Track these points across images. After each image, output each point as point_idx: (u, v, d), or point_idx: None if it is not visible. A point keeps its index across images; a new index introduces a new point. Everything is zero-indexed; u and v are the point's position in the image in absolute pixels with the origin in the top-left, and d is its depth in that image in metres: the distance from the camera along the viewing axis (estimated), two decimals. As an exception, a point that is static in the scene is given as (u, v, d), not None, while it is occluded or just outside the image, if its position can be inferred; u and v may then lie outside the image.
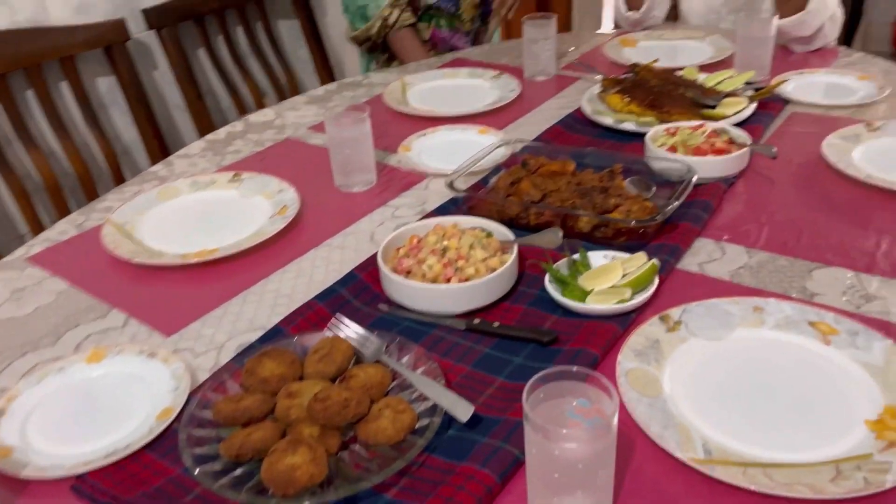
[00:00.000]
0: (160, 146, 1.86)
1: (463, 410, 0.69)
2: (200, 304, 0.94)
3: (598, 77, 1.51)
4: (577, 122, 1.38)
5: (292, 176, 1.23)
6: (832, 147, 1.16)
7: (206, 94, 2.03)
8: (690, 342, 0.80)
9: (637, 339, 0.79)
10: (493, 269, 0.88)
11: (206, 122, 1.94)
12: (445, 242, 0.91)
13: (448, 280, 0.87)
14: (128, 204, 1.17)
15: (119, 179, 1.77)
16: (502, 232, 0.95)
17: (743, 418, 0.70)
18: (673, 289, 0.89)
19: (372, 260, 0.98)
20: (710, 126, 1.19)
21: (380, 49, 1.96)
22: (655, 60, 1.50)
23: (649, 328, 0.81)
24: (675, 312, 0.83)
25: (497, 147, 1.19)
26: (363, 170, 1.21)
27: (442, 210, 1.11)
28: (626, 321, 0.83)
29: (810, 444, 0.66)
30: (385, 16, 1.85)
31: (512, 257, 0.89)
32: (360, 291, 0.93)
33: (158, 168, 1.34)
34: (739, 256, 0.95)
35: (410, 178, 1.24)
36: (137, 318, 0.92)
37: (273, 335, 0.86)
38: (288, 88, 2.12)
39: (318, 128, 1.46)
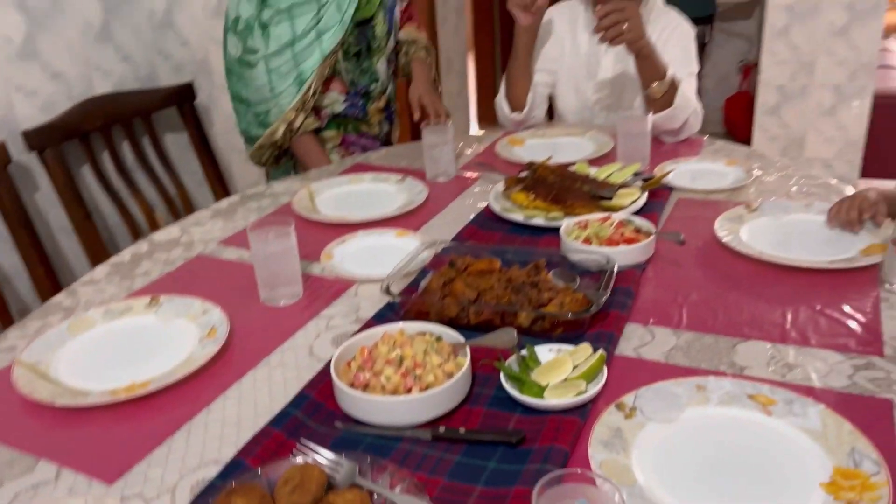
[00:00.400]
0: (46, 273, 1.74)
1: (456, 526, 0.68)
2: (141, 444, 0.88)
3: (497, 176, 1.61)
4: (488, 220, 1.44)
5: (213, 294, 1.19)
6: (723, 228, 1.29)
7: (93, 213, 1.94)
8: (648, 427, 0.84)
9: (601, 429, 0.82)
10: (451, 374, 0.89)
11: (94, 243, 1.85)
12: (399, 351, 0.91)
13: (409, 390, 0.87)
14: (35, 341, 1.08)
15: (3, 312, 1.63)
16: (450, 335, 0.97)
17: (714, 498, 0.74)
18: (618, 375, 0.94)
19: (321, 377, 0.96)
20: (617, 217, 1.28)
21: (287, 155, 1.97)
22: (549, 158, 1.61)
23: (609, 417, 0.84)
24: (628, 399, 0.87)
25: (425, 249, 1.22)
26: (290, 282, 1.20)
27: (380, 317, 1.11)
28: (585, 412, 0.86)
29: (781, 512, 0.71)
30: (290, 120, 1.86)
31: (467, 360, 0.90)
32: (313, 411, 0.91)
33: (62, 298, 1.25)
34: (668, 338, 1.02)
35: (338, 287, 1.24)
36: (71, 468, 0.84)
37: (233, 469, 0.81)
38: (180, 202, 2.07)
39: (229, 242, 1.44)
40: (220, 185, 2.16)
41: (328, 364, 0.94)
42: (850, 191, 1.41)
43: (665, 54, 1.77)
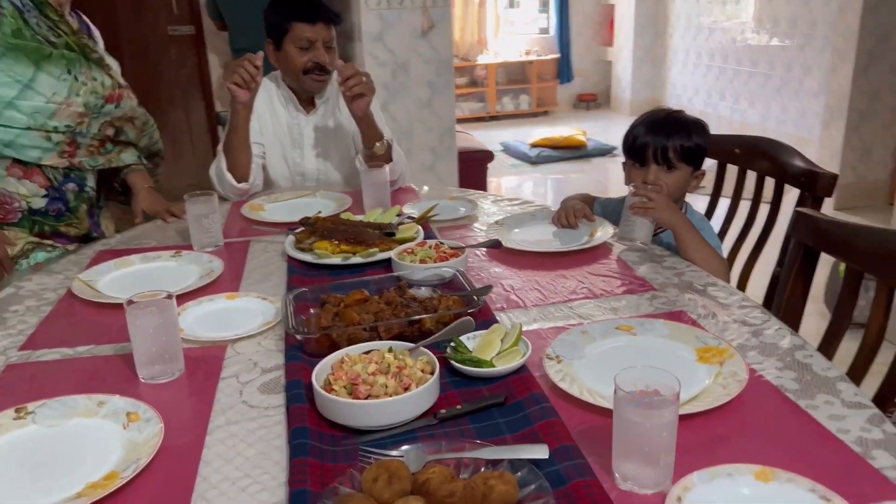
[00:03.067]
0: None
1: (540, 450, 0.86)
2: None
3: (278, 236, 1.71)
4: (307, 269, 1.54)
5: (79, 391, 1.08)
6: (498, 238, 1.64)
7: None
8: (574, 364, 1.10)
9: (552, 372, 1.06)
10: (424, 370, 1.03)
11: None
12: (375, 365, 1.01)
13: (406, 388, 0.99)
14: None
15: None
16: (399, 344, 1.10)
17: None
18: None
19: (298, 410, 0.99)
20: (431, 242, 1.53)
21: None
22: (319, 212, 1.77)
23: (549, 364, 1.09)
24: (550, 351, 1.12)
25: (294, 294, 1.28)
26: (173, 359, 1.14)
27: (293, 358, 1.15)
28: (527, 368, 1.09)
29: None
30: None
31: (433, 356, 1.05)
32: (319, 438, 0.95)
33: None
34: (527, 315, 1.31)
35: (212, 353, 1.22)
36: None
37: (301, 499, 0.82)
38: None
39: (33, 345, 1.26)
40: None
41: (289, 401, 1.03)
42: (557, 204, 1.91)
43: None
